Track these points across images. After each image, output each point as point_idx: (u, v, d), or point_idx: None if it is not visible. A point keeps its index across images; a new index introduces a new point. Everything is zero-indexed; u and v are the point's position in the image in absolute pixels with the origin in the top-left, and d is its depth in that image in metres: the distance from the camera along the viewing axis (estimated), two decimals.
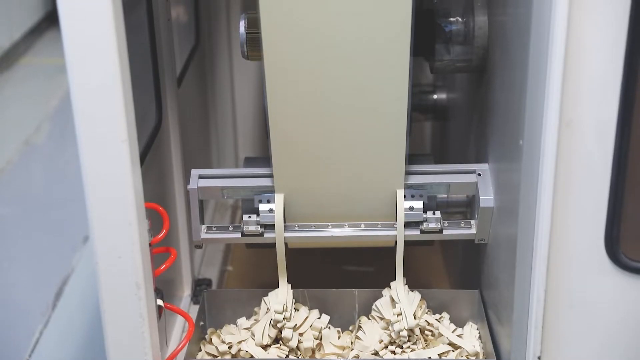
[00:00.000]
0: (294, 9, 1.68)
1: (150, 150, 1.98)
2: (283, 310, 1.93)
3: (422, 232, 1.95)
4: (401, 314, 1.90)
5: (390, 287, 1.98)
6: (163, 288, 1.83)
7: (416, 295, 1.98)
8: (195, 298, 2.33)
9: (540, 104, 1.49)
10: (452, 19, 2.00)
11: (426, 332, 1.95)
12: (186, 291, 2.33)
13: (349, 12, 1.69)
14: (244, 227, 1.96)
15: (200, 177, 1.97)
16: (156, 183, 2.05)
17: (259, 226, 1.95)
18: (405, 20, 1.69)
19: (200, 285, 2.39)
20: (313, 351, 1.95)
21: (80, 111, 1.47)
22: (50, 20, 6.92)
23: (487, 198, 1.90)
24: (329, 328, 2.01)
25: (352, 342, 1.99)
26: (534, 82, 1.52)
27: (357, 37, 1.71)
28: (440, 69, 2.06)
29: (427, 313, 2.00)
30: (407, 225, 1.93)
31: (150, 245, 1.67)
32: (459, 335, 1.99)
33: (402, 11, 1.68)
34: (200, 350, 2.00)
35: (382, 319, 1.96)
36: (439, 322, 2.00)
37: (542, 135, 1.49)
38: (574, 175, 1.52)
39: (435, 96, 2.68)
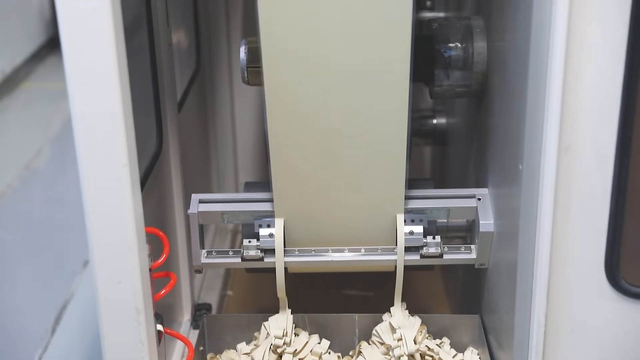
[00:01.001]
0: (294, 36, 1.69)
1: (150, 175, 1.98)
2: (283, 335, 1.93)
3: (422, 256, 1.95)
4: (401, 339, 1.90)
5: (390, 312, 1.98)
6: (163, 313, 1.83)
7: (416, 320, 1.98)
8: (195, 323, 2.32)
9: (539, 128, 1.49)
10: (451, 45, 2.01)
11: (426, 357, 1.95)
12: (186, 316, 2.33)
13: (349, 38, 1.70)
14: (244, 251, 1.96)
15: (201, 201, 1.97)
16: (156, 208, 2.05)
17: (259, 251, 1.95)
18: (405, 46, 1.70)
19: (200, 310, 2.39)
20: None
21: (81, 136, 1.48)
22: (52, 45, 6.95)
23: (487, 223, 1.90)
24: (329, 353, 2.01)
25: None
26: (533, 107, 1.53)
27: (357, 62, 1.72)
28: (439, 94, 2.07)
29: (427, 338, 1.99)
30: (407, 249, 1.93)
31: (150, 270, 1.67)
32: None
33: (402, 37, 1.69)
34: None
35: (382, 344, 1.95)
36: (439, 347, 1.99)
37: (542, 160, 1.50)
38: (574, 199, 1.52)
39: (434, 121, 2.69)
